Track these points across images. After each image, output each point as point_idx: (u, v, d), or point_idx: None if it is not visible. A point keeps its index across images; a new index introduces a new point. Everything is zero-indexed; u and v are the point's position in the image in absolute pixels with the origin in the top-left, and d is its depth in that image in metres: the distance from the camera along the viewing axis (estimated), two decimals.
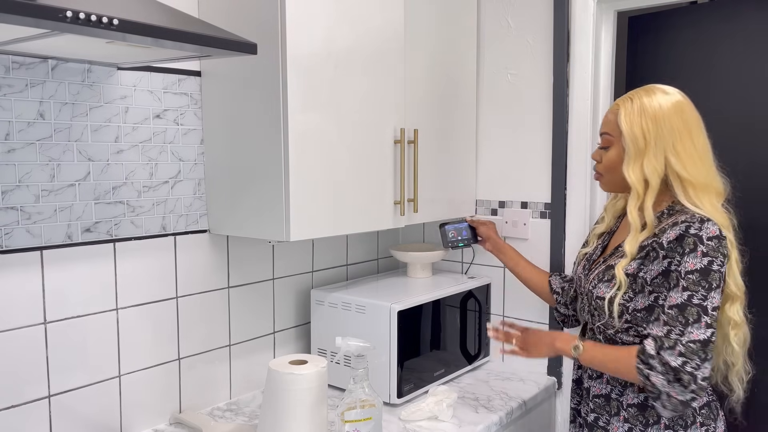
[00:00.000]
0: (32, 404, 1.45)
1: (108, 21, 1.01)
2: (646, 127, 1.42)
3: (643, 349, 1.34)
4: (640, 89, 1.49)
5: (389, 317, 1.82)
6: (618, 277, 1.42)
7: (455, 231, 2.02)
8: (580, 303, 1.63)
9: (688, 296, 1.33)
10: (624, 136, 1.45)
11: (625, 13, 2.34)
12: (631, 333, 1.45)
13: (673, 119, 1.42)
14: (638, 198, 1.43)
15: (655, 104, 1.43)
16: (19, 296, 1.42)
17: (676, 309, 1.33)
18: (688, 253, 1.34)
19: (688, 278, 1.33)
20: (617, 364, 1.41)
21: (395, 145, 1.87)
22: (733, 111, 2.20)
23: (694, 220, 1.37)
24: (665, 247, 1.37)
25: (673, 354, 1.30)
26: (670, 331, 1.32)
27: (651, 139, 1.42)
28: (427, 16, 1.99)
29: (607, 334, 1.50)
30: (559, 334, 1.58)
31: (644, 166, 1.42)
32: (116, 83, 1.55)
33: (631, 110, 1.45)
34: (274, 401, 1.46)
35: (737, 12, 2.19)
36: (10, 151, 1.39)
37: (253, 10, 1.59)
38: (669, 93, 1.46)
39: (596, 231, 1.68)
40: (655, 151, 1.41)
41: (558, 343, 1.53)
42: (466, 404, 1.87)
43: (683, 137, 1.42)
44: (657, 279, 1.38)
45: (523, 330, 1.65)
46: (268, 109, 1.58)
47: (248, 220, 1.68)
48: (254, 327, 1.94)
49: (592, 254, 1.63)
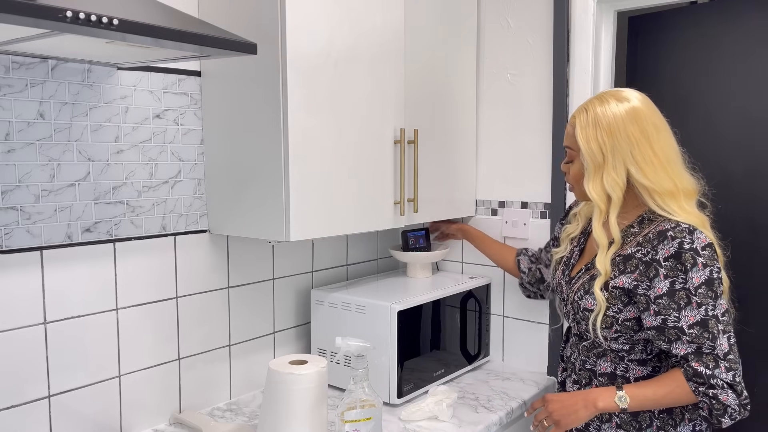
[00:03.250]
0: (32, 404, 1.45)
1: (108, 21, 1.00)
2: (602, 140, 1.39)
3: (696, 372, 1.32)
4: (595, 98, 1.45)
5: (389, 317, 1.82)
6: (597, 297, 1.41)
7: (414, 238, 2.22)
8: (563, 308, 1.61)
9: (704, 311, 1.32)
10: (582, 153, 1.42)
11: (625, 13, 2.34)
12: (621, 341, 1.44)
13: (629, 128, 1.39)
14: (601, 214, 1.41)
15: (609, 114, 1.39)
16: (19, 296, 1.42)
17: (698, 327, 1.32)
18: (690, 269, 1.32)
19: (699, 293, 1.32)
20: (671, 397, 1.36)
21: (395, 145, 1.87)
22: (734, 111, 2.21)
23: (683, 233, 1.34)
24: (663, 265, 1.35)
25: (720, 371, 1.31)
26: (700, 347, 1.32)
27: (608, 152, 1.38)
28: (427, 16, 1.99)
29: (596, 341, 1.49)
30: (595, 393, 1.42)
31: (604, 181, 1.39)
32: (116, 83, 1.55)
33: (585, 123, 1.41)
34: (274, 401, 1.46)
35: (737, 12, 2.19)
36: (10, 151, 1.39)
37: (253, 10, 1.59)
38: (623, 100, 1.42)
39: (569, 233, 1.64)
40: (613, 163, 1.38)
41: (600, 403, 1.39)
42: (466, 404, 1.87)
43: (641, 145, 1.39)
44: (662, 299, 1.35)
45: (547, 401, 1.47)
46: (268, 109, 1.59)
47: (248, 220, 1.68)
48: (254, 327, 1.94)
49: (570, 258, 1.61)
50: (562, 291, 1.60)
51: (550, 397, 1.46)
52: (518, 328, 2.20)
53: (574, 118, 1.45)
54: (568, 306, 1.56)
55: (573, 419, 1.41)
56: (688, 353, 1.33)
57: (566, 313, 1.59)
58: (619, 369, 1.47)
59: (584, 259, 1.57)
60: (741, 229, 2.19)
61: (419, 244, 2.23)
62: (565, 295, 1.58)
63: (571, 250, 1.62)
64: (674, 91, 2.29)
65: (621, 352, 1.46)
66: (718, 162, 2.22)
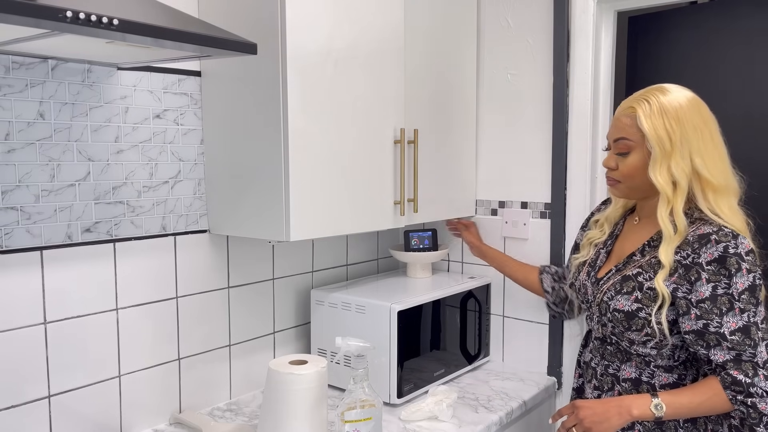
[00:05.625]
0: (32, 404, 1.45)
1: (108, 21, 1.00)
2: (671, 128, 1.36)
3: (735, 381, 1.29)
4: (652, 89, 1.42)
5: (389, 317, 1.82)
6: (660, 291, 1.36)
7: (418, 239, 2.21)
8: (586, 312, 1.58)
9: (747, 317, 1.30)
10: (648, 139, 1.37)
11: (625, 13, 2.34)
12: (649, 345, 1.41)
13: (695, 117, 1.37)
14: (668, 202, 1.37)
15: (675, 103, 1.37)
16: (19, 296, 1.42)
17: (740, 333, 1.30)
18: (734, 273, 1.30)
19: (743, 299, 1.30)
20: (707, 405, 1.33)
21: (395, 145, 1.87)
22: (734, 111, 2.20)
23: (727, 237, 1.32)
24: (705, 269, 1.32)
25: (760, 379, 1.29)
26: (740, 355, 1.30)
27: (677, 140, 1.35)
28: (427, 15, 1.99)
29: (622, 346, 1.46)
30: (629, 400, 1.37)
31: (672, 168, 1.36)
32: (116, 83, 1.55)
33: (650, 112, 1.37)
34: (274, 401, 1.46)
35: (737, 12, 2.19)
36: (10, 151, 1.39)
37: (253, 10, 1.59)
38: (683, 91, 1.41)
39: (592, 239, 1.62)
40: (681, 151, 1.36)
41: (635, 411, 1.34)
42: (466, 404, 1.87)
43: (704, 136, 1.37)
44: (704, 304, 1.32)
45: (577, 408, 1.39)
46: (268, 108, 1.59)
47: (248, 220, 1.68)
48: (254, 327, 1.94)
49: (595, 260, 1.57)
50: (586, 292, 1.55)
51: (581, 404, 1.39)
52: (518, 328, 2.20)
53: (633, 109, 1.40)
54: (593, 308, 1.52)
55: (605, 427, 1.34)
56: (726, 360, 1.30)
57: (589, 316, 1.55)
58: (644, 375, 1.44)
59: (612, 261, 1.53)
60: None
61: (424, 244, 2.22)
62: (590, 296, 1.53)
63: (597, 252, 1.58)
64: None
65: (648, 357, 1.43)
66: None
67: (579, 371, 1.64)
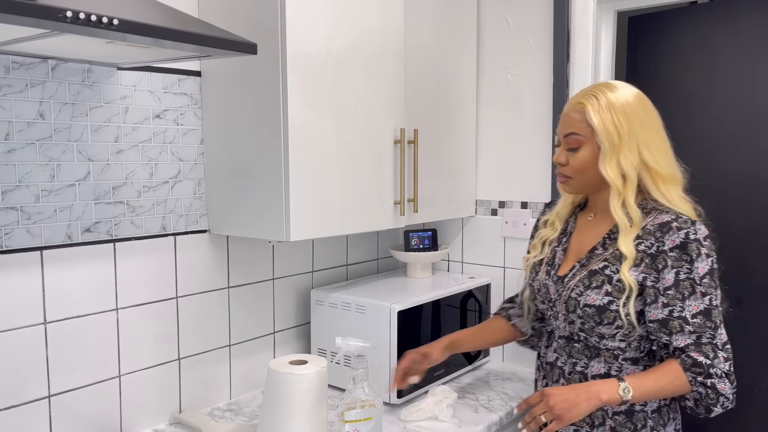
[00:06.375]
0: (32, 404, 1.45)
1: (108, 21, 1.00)
2: (619, 122, 1.39)
3: (695, 362, 1.33)
4: (599, 85, 1.46)
5: (389, 317, 1.82)
6: (627, 281, 1.38)
7: (418, 239, 2.20)
8: (549, 311, 1.55)
9: (708, 301, 1.35)
10: (597, 134, 1.40)
11: (625, 13, 2.34)
12: (618, 338, 1.43)
13: (641, 112, 1.42)
14: (619, 194, 1.41)
15: (622, 99, 1.41)
16: (19, 296, 1.42)
17: (702, 316, 1.34)
18: (695, 259, 1.35)
19: (704, 283, 1.35)
20: (669, 388, 1.37)
21: (395, 145, 1.87)
22: (734, 111, 2.20)
23: (687, 224, 1.36)
24: (669, 255, 1.36)
25: (719, 360, 1.33)
26: (700, 337, 1.34)
27: (625, 134, 1.39)
28: (427, 16, 1.99)
29: (590, 342, 1.46)
30: (597, 385, 1.37)
31: (621, 161, 1.40)
32: (116, 83, 1.55)
33: (599, 107, 1.40)
34: (274, 401, 1.46)
35: (737, 12, 2.19)
36: (10, 151, 1.39)
37: (253, 10, 1.59)
38: (629, 87, 1.45)
39: (545, 237, 1.61)
40: (629, 145, 1.40)
41: (604, 396, 1.34)
42: (466, 404, 1.87)
43: (650, 130, 1.42)
44: (670, 291, 1.36)
45: (547, 395, 1.38)
46: (268, 108, 1.58)
47: (248, 220, 1.68)
48: (254, 327, 1.94)
49: (552, 259, 1.57)
50: (548, 291, 1.54)
51: (550, 391, 1.38)
52: None
53: (582, 104, 1.43)
54: (557, 306, 1.51)
55: (575, 413, 1.35)
56: (688, 344, 1.34)
57: (553, 315, 1.54)
58: (613, 369, 1.45)
59: (572, 258, 1.53)
60: (741, 228, 2.19)
61: (425, 244, 2.22)
62: (553, 295, 1.53)
63: (552, 251, 1.58)
64: (674, 91, 2.29)
65: (616, 350, 1.44)
66: (719, 161, 2.22)
67: (542, 373, 1.61)
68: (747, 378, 1.59)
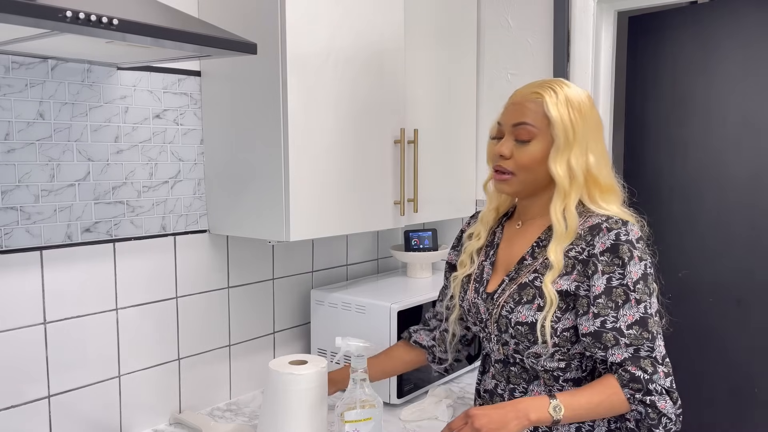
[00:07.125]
0: (32, 404, 1.45)
1: (108, 21, 1.00)
2: (575, 119, 1.29)
3: (633, 377, 1.19)
4: (553, 80, 1.35)
5: (389, 317, 1.82)
6: (547, 294, 1.25)
7: (418, 238, 2.21)
8: (482, 333, 1.41)
9: (643, 308, 1.22)
10: (554, 127, 1.28)
11: (625, 13, 2.34)
12: (557, 357, 1.29)
13: (594, 115, 1.33)
14: (564, 196, 1.29)
15: (578, 97, 1.31)
16: (19, 296, 1.42)
17: (638, 326, 1.21)
18: (627, 262, 1.22)
19: (638, 289, 1.22)
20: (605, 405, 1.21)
21: (395, 145, 1.87)
22: (734, 110, 2.20)
23: (617, 224, 1.25)
24: (600, 260, 1.24)
25: (659, 376, 1.20)
26: (638, 350, 1.20)
27: (579, 132, 1.29)
28: (427, 16, 1.99)
29: (527, 364, 1.33)
30: (525, 403, 1.22)
31: (571, 161, 1.28)
32: (116, 83, 1.55)
33: (557, 100, 1.29)
34: (274, 401, 1.46)
35: (737, 12, 2.19)
36: (10, 151, 1.39)
37: (253, 11, 1.59)
38: (579, 87, 1.36)
39: (472, 248, 1.45)
40: (581, 145, 1.29)
41: (533, 415, 1.18)
42: (466, 404, 1.87)
43: (598, 136, 1.33)
44: (601, 299, 1.23)
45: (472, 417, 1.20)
46: (268, 108, 1.58)
47: (248, 220, 1.68)
48: (254, 327, 1.94)
49: (481, 275, 1.42)
50: (478, 311, 1.40)
51: (475, 412, 1.21)
52: None
53: (539, 95, 1.31)
54: (489, 326, 1.37)
55: None
56: (625, 358, 1.21)
57: (486, 337, 1.40)
58: (554, 391, 1.30)
59: (500, 272, 1.39)
60: (741, 229, 2.19)
61: (424, 244, 2.22)
62: (484, 314, 1.38)
63: (480, 266, 1.43)
64: (674, 91, 2.29)
65: (556, 371, 1.30)
66: (719, 161, 2.23)
67: (480, 402, 1.46)
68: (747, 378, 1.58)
